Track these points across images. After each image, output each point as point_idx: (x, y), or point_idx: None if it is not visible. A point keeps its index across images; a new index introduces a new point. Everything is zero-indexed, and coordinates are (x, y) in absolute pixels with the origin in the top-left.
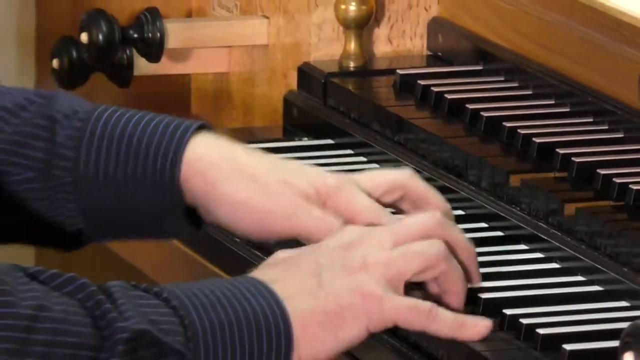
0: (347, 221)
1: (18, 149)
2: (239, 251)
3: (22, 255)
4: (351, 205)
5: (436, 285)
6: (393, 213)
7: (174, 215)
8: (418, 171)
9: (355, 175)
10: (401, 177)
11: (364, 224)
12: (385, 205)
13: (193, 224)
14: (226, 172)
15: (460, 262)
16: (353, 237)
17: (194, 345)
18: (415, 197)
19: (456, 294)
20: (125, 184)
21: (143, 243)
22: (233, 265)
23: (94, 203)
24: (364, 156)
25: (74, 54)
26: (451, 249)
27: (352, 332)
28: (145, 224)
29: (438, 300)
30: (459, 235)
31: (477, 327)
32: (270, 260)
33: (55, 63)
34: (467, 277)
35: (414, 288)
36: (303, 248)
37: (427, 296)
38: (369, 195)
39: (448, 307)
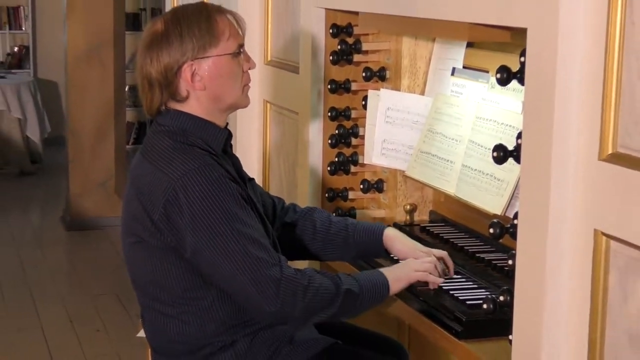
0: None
1: (336, 234)
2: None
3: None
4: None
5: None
6: None
7: (379, 253)
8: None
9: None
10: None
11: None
12: None
13: (387, 255)
14: (397, 242)
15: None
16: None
17: (362, 292)
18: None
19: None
20: (366, 244)
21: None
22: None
23: (357, 252)
24: None
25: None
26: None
27: (404, 284)
28: (368, 255)
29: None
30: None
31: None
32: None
33: None
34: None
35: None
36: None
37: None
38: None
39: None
